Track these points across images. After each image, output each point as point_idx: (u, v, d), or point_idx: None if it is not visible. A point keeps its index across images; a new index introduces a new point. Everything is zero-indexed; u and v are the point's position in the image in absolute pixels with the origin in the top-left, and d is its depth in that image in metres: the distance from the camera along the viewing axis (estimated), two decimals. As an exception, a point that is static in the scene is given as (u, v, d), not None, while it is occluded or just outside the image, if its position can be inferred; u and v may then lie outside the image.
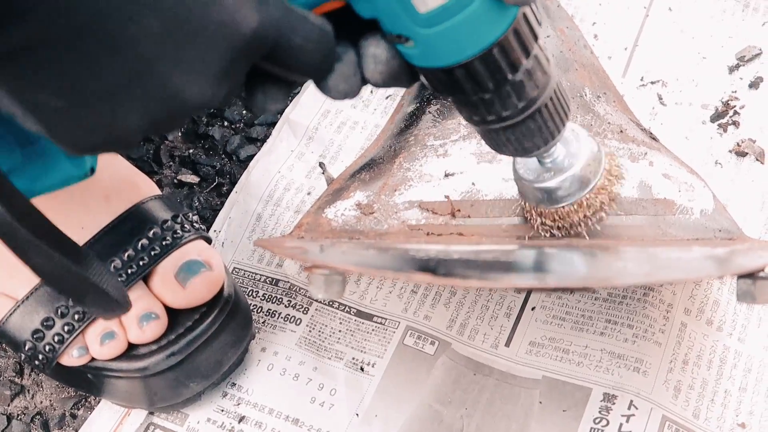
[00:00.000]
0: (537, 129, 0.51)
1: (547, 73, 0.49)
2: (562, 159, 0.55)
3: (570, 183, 0.56)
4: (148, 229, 0.66)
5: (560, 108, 0.51)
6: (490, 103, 0.49)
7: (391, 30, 0.46)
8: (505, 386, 0.68)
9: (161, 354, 0.65)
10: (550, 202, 0.57)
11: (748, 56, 0.81)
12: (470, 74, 0.47)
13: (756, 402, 0.66)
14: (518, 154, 0.53)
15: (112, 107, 0.41)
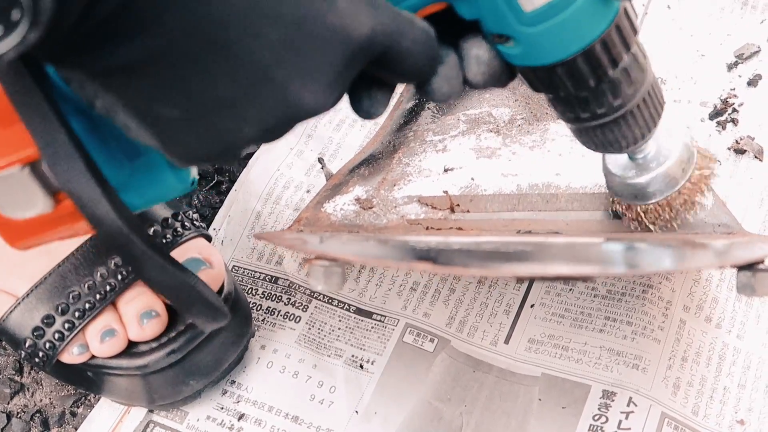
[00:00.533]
0: (630, 127, 0.50)
1: (644, 70, 0.49)
2: (654, 155, 0.55)
3: (660, 180, 0.56)
4: (148, 227, 0.66)
5: (654, 106, 0.51)
6: (585, 101, 0.48)
7: (493, 30, 0.46)
8: (504, 383, 0.68)
9: (161, 351, 0.65)
10: (640, 198, 0.57)
11: (746, 54, 0.81)
12: (571, 71, 0.47)
13: (755, 399, 0.66)
14: (609, 152, 0.52)
15: (228, 117, 0.41)
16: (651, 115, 0.51)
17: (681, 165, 0.56)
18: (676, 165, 0.55)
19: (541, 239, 0.57)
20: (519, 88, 0.71)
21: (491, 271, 0.56)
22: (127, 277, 0.65)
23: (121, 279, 0.65)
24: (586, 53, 0.46)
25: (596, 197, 0.63)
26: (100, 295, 0.64)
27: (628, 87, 0.48)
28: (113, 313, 0.65)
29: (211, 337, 0.66)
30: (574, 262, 0.52)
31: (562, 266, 0.51)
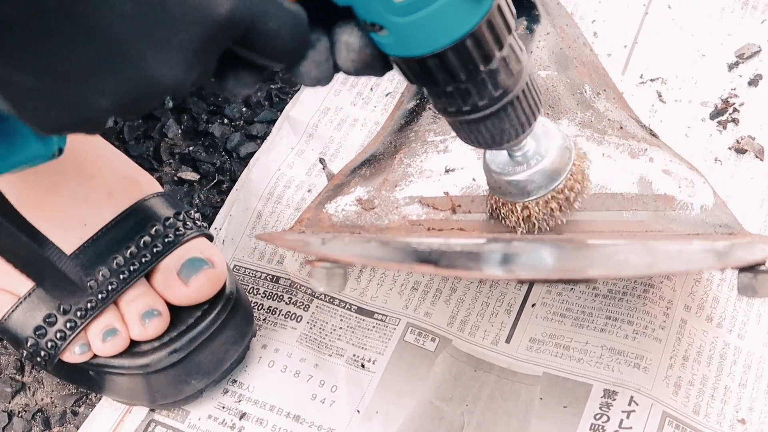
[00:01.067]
0: (510, 120, 0.51)
1: (521, 62, 0.50)
2: (533, 153, 0.56)
3: (539, 177, 0.56)
4: (150, 226, 0.66)
5: (533, 100, 0.52)
6: (466, 93, 0.49)
7: (365, 18, 0.46)
8: (505, 383, 0.68)
9: (163, 351, 0.65)
10: (519, 196, 0.57)
11: (747, 54, 0.81)
12: (443, 64, 0.47)
13: (756, 398, 0.67)
14: (491, 146, 0.53)
15: (83, 88, 0.41)
16: (528, 112, 0.52)
17: (560, 161, 0.56)
18: (554, 161, 0.56)
19: (543, 241, 0.57)
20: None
21: (492, 274, 0.56)
22: (129, 276, 0.65)
23: (122, 278, 0.65)
24: (457, 47, 0.47)
25: (597, 198, 0.63)
26: (102, 295, 0.64)
27: (506, 78, 0.49)
28: (115, 312, 0.65)
29: (212, 337, 0.66)
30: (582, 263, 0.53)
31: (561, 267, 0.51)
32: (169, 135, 0.83)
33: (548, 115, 0.68)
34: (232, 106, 0.84)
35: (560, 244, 0.57)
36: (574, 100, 0.70)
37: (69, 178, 0.67)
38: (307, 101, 0.82)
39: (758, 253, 0.55)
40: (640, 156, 0.65)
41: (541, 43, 0.76)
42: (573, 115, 0.68)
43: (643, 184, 0.63)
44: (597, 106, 0.71)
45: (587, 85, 0.73)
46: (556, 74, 0.73)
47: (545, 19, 0.78)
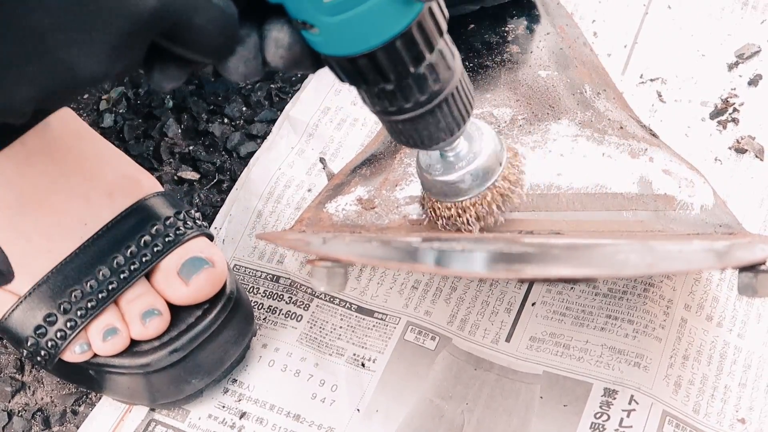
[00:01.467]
0: (438, 122, 0.52)
1: (450, 68, 0.50)
2: (465, 153, 0.56)
3: (471, 178, 0.57)
4: (150, 226, 0.66)
5: (463, 103, 0.52)
6: (392, 95, 0.50)
7: (296, 16, 0.47)
8: (505, 381, 0.68)
9: (164, 350, 0.65)
10: (450, 196, 0.58)
11: (747, 54, 0.81)
12: (373, 65, 0.48)
13: (756, 397, 0.67)
14: (421, 147, 0.54)
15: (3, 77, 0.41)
16: (456, 116, 0.52)
17: (491, 162, 0.57)
18: (486, 162, 0.57)
19: (542, 240, 0.57)
20: (520, 88, 0.71)
21: (494, 273, 0.56)
22: (129, 276, 0.65)
23: (123, 278, 0.65)
24: (387, 48, 0.47)
25: (598, 197, 0.63)
26: (102, 294, 0.64)
27: (433, 84, 0.49)
28: (115, 311, 0.65)
29: (213, 336, 0.66)
30: (577, 263, 0.53)
31: (564, 268, 0.51)
32: (169, 134, 0.83)
33: (548, 115, 0.68)
34: (233, 106, 0.84)
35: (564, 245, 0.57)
36: (574, 100, 0.70)
37: (69, 177, 0.67)
38: (308, 100, 0.82)
39: (758, 252, 0.55)
40: (640, 156, 0.65)
41: (542, 43, 0.76)
42: (573, 115, 0.68)
43: (643, 183, 0.63)
44: (597, 105, 0.71)
45: (587, 85, 0.73)
46: (556, 74, 0.73)
47: (545, 19, 0.79)
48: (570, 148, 0.65)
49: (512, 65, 0.74)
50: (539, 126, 0.67)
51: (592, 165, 0.64)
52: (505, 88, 0.71)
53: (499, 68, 0.73)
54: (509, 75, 0.73)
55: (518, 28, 0.77)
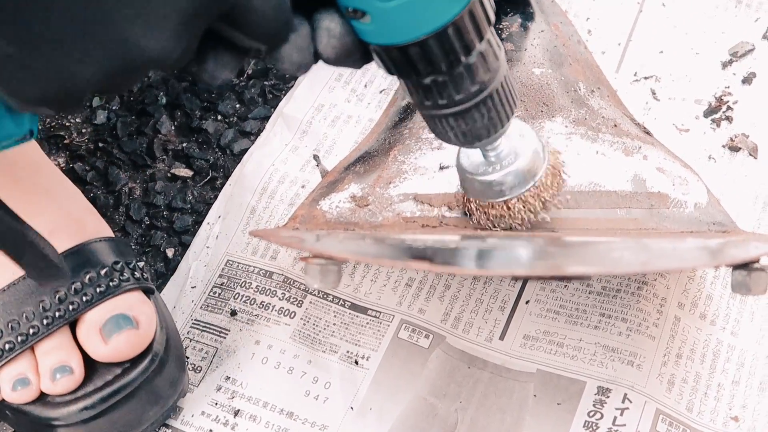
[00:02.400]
0: (485, 116, 0.51)
1: (498, 58, 0.50)
2: (506, 153, 0.56)
3: (513, 178, 0.56)
4: (84, 273, 0.64)
5: (509, 98, 0.52)
6: (443, 86, 0.49)
7: (347, 4, 0.46)
8: (499, 379, 0.68)
9: (74, 406, 0.62)
10: (491, 196, 0.58)
11: (740, 52, 0.81)
12: (424, 53, 0.47)
13: (749, 395, 0.67)
14: (465, 144, 0.53)
15: (65, 56, 0.40)
16: (504, 108, 0.52)
17: (533, 162, 0.57)
18: (528, 162, 0.56)
19: (539, 240, 0.57)
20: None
21: (489, 271, 0.56)
22: (52, 322, 0.63)
23: (45, 324, 0.63)
24: (438, 35, 0.47)
25: (591, 195, 0.63)
26: (21, 338, 0.62)
27: (484, 73, 0.49)
28: (30, 360, 0.63)
29: (129, 397, 0.64)
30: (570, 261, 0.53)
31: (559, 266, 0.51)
32: (163, 131, 0.83)
33: (542, 112, 0.68)
34: (226, 103, 0.84)
35: (554, 242, 0.57)
36: (568, 98, 0.70)
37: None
38: (301, 98, 0.82)
39: (752, 251, 0.55)
40: (634, 154, 0.65)
41: (536, 40, 0.76)
42: (567, 113, 0.68)
43: (637, 181, 0.63)
44: (591, 103, 0.71)
45: (581, 82, 0.73)
46: (551, 72, 0.73)
47: (540, 16, 0.78)
48: (563, 145, 0.65)
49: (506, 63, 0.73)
50: (533, 124, 0.67)
51: (586, 163, 0.64)
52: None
53: (493, 66, 0.73)
54: (503, 72, 0.73)
55: (512, 26, 0.77)
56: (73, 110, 0.44)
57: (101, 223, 0.69)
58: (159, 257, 0.77)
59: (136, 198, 0.80)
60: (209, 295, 0.73)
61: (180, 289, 0.74)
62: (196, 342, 0.71)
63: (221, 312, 0.72)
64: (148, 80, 0.85)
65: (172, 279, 0.75)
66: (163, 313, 0.68)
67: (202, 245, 0.76)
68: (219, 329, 0.72)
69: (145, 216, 0.79)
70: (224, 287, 0.73)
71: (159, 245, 0.77)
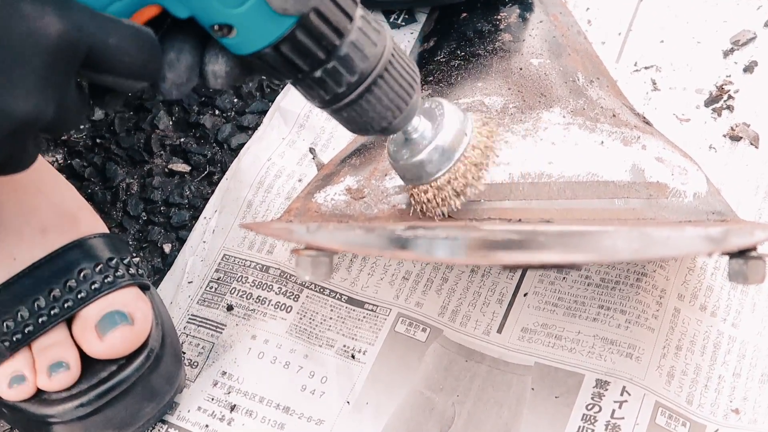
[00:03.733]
0: (380, 102, 0.51)
1: (376, 44, 0.50)
2: (429, 132, 0.56)
3: (438, 153, 0.56)
4: (78, 271, 0.64)
5: (402, 77, 0.52)
6: (323, 82, 0.50)
7: (210, 23, 0.48)
8: (497, 373, 0.67)
9: (70, 403, 0.62)
10: (425, 178, 0.57)
11: (742, 40, 0.80)
12: (296, 47, 0.48)
13: (750, 387, 0.66)
14: (374, 132, 0.53)
15: None
16: (399, 89, 0.52)
17: (455, 134, 0.56)
18: (449, 135, 0.56)
19: (530, 227, 0.56)
20: (512, 76, 0.70)
21: (477, 260, 0.56)
22: (47, 320, 0.63)
23: (41, 322, 0.62)
24: (303, 24, 0.48)
25: (589, 186, 0.62)
26: (17, 336, 0.62)
27: (360, 62, 0.50)
28: (27, 357, 0.63)
29: (125, 393, 0.63)
30: (566, 250, 0.52)
31: (549, 254, 0.51)
32: (160, 127, 0.82)
33: (540, 103, 0.68)
34: (224, 98, 0.83)
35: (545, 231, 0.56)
36: (567, 88, 0.70)
37: (4, 209, 0.65)
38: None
39: (749, 238, 0.54)
40: (632, 144, 0.64)
41: (534, 31, 0.76)
42: (565, 103, 0.68)
43: (635, 171, 0.63)
44: (590, 94, 0.70)
45: (580, 73, 0.72)
46: (549, 62, 0.72)
47: (538, 7, 0.78)
48: (561, 136, 0.65)
49: (504, 54, 0.73)
50: (531, 114, 0.67)
51: (584, 153, 0.63)
52: (497, 77, 0.71)
53: (491, 57, 0.73)
54: (501, 63, 0.72)
55: (511, 17, 0.77)
56: None
57: (95, 219, 0.69)
58: (156, 253, 0.76)
59: (133, 194, 0.79)
60: (206, 290, 0.73)
61: (177, 285, 0.74)
62: (193, 337, 0.71)
63: (218, 307, 0.72)
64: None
65: (168, 274, 0.75)
66: (159, 308, 0.68)
67: (199, 240, 0.75)
68: (215, 324, 0.71)
69: (143, 212, 0.78)
70: (221, 282, 0.73)
71: (156, 241, 0.77)
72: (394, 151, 0.57)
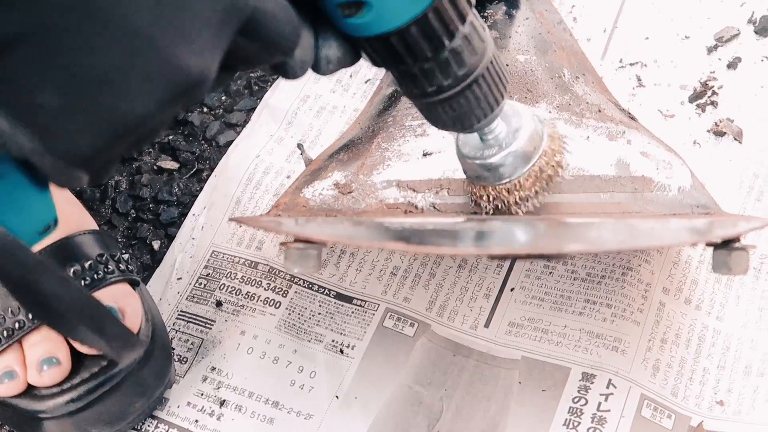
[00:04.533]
0: (476, 100, 0.51)
1: (484, 41, 0.50)
2: (504, 136, 0.56)
3: (512, 159, 0.57)
4: (69, 267, 0.64)
5: (498, 79, 0.52)
6: (430, 73, 0.49)
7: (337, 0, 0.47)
8: (484, 367, 0.68)
9: (61, 398, 0.62)
10: (492, 180, 0.58)
11: (726, 37, 0.81)
12: (409, 40, 0.48)
13: (734, 380, 0.66)
14: (460, 129, 0.53)
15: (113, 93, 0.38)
16: (495, 89, 0.52)
17: (531, 143, 0.57)
18: (526, 143, 0.57)
19: (516, 219, 0.57)
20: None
21: (464, 250, 0.56)
22: None
23: (31, 318, 0.63)
24: (420, 21, 0.47)
25: (575, 180, 0.63)
26: (7, 332, 0.62)
27: (470, 57, 0.50)
28: (18, 353, 0.63)
29: (116, 388, 0.64)
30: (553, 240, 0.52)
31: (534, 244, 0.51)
32: (149, 124, 0.82)
33: (526, 98, 0.68)
34: (212, 95, 0.83)
35: (535, 223, 0.57)
36: (553, 84, 0.70)
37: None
38: (287, 89, 0.82)
39: (732, 228, 0.55)
40: (618, 138, 0.65)
41: (521, 28, 0.76)
42: (551, 99, 0.68)
43: (620, 166, 0.63)
44: (575, 89, 0.70)
45: (566, 69, 0.73)
46: (535, 58, 0.73)
47: (525, 4, 0.78)
48: (547, 131, 0.65)
49: (491, 50, 0.73)
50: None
51: (570, 148, 0.64)
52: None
53: (477, 53, 0.73)
54: (488, 60, 0.72)
55: (497, 13, 0.77)
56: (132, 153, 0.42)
57: (85, 215, 0.69)
58: (145, 249, 0.77)
59: (122, 191, 0.79)
60: (195, 287, 0.73)
61: (166, 281, 0.74)
62: (182, 333, 0.71)
63: (207, 303, 0.72)
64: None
65: (157, 271, 0.75)
66: (148, 304, 0.68)
67: (188, 237, 0.76)
68: (204, 320, 0.72)
69: (132, 209, 0.79)
70: (209, 278, 0.73)
71: (145, 238, 0.77)
72: (465, 147, 0.57)
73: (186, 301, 0.73)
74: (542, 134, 0.58)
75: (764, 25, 0.81)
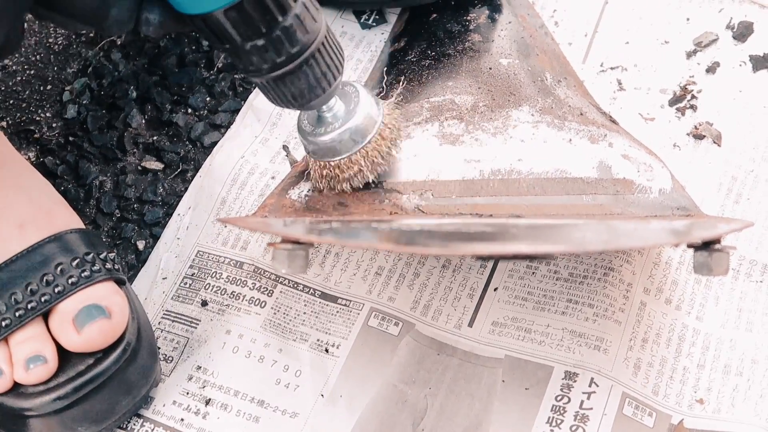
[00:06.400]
0: (310, 77, 0.55)
1: (316, 20, 0.53)
2: (342, 113, 0.59)
3: (348, 136, 0.59)
4: (56, 265, 0.64)
5: (333, 57, 0.55)
6: (263, 50, 0.53)
7: None
8: (468, 366, 0.68)
9: (47, 396, 0.62)
10: (330, 155, 0.60)
11: (705, 42, 0.82)
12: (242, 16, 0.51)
13: (714, 378, 0.68)
14: (297, 106, 0.56)
15: None
16: (329, 68, 0.55)
17: (367, 120, 0.60)
18: (362, 120, 0.59)
19: (501, 221, 0.58)
20: (481, 76, 0.72)
21: (451, 250, 0.57)
22: (25, 314, 0.63)
23: (18, 316, 0.63)
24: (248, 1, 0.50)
25: (558, 182, 0.63)
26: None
27: (302, 35, 0.53)
28: (4, 351, 0.63)
29: (102, 386, 0.64)
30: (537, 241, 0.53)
31: (521, 245, 0.52)
32: (133, 125, 0.83)
33: (509, 102, 0.69)
34: (196, 96, 0.84)
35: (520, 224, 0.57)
36: (535, 88, 0.71)
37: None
38: (271, 90, 0.83)
39: (712, 230, 0.56)
40: (599, 141, 0.66)
41: (503, 32, 0.77)
42: (534, 102, 0.69)
43: (602, 168, 0.64)
44: (557, 93, 0.71)
45: (548, 72, 0.74)
46: (518, 62, 0.73)
47: (507, 8, 0.79)
48: (531, 134, 0.66)
49: (474, 53, 0.74)
50: (500, 113, 0.68)
51: (553, 150, 0.65)
52: (467, 76, 0.72)
53: (461, 56, 0.74)
54: (471, 63, 0.73)
55: (480, 17, 0.78)
56: None
57: (71, 214, 0.69)
58: (130, 249, 0.77)
59: (107, 191, 0.80)
60: (180, 286, 0.74)
61: (151, 281, 0.74)
62: (168, 332, 0.72)
63: (192, 302, 0.73)
64: (119, 74, 0.85)
65: (143, 270, 0.75)
66: (134, 303, 0.69)
67: (173, 236, 0.76)
68: (190, 319, 0.72)
69: (116, 209, 0.79)
70: (195, 278, 0.74)
71: (130, 238, 0.77)
72: (305, 125, 0.60)
73: (171, 301, 0.73)
74: (379, 114, 0.60)
75: (742, 31, 0.82)
